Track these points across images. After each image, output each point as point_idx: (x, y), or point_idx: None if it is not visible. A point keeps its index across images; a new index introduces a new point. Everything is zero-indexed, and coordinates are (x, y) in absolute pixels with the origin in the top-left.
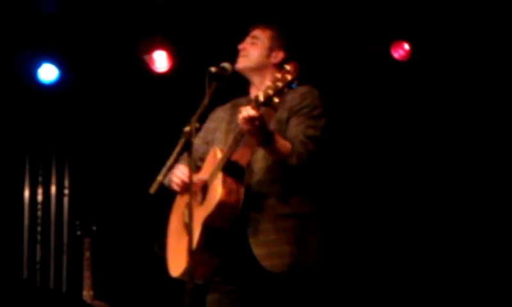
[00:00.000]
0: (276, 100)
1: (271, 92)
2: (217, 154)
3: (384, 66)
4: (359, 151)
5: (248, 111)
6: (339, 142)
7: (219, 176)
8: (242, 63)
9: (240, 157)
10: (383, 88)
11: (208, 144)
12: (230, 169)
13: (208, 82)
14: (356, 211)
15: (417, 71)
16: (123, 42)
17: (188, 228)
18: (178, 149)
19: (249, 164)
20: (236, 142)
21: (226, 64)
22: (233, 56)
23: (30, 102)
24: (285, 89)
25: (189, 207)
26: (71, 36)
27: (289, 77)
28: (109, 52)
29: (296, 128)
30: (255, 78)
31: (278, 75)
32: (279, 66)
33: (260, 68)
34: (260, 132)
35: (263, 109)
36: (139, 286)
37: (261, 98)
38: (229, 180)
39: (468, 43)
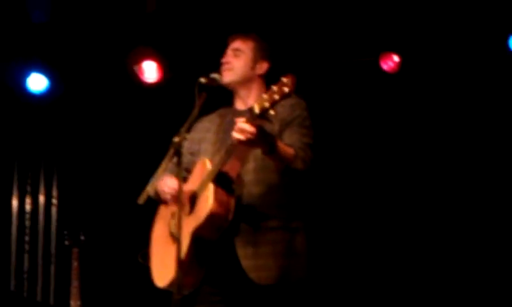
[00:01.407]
0: (272, 112)
1: (267, 104)
2: (206, 165)
3: (374, 78)
4: (349, 162)
5: (243, 125)
6: (327, 154)
7: (210, 187)
8: (228, 77)
9: (230, 168)
10: (373, 100)
11: (194, 154)
12: (221, 180)
13: (197, 92)
14: (343, 224)
15: (406, 83)
16: (112, 52)
17: (176, 238)
18: (167, 159)
19: (239, 176)
20: (228, 154)
21: (215, 75)
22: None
23: (19, 111)
24: (283, 102)
25: (178, 217)
26: (60, 46)
27: (286, 90)
28: (98, 63)
29: (291, 137)
30: (240, 91)
31: (275, 88)
32: (264, 77)
33: (246, 81)
34: (259, 142)
35: (258, 121)
36: (127, 296)
37: (256, 111)
38: (220, 191)
39: (457, 54)
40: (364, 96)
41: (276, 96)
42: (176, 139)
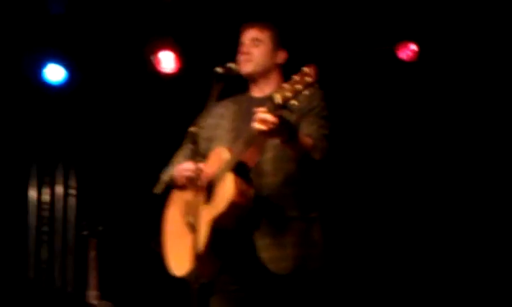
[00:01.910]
0: (295, 102)
1: (289, 95)
2: (223, 153)
3: (391, 67)
4: (365, 152)
5: (264, 115)
6: (345, 144)
7: (230, 176)
8: (249, 68)
9: (249, 158)
10: (390, 89)
11: (209, 140)
12: (239, 170)
13: (214, 82)
14: (360, 213)
15: (425, 72)
16: (130, 43)
17: (194, 226)
18: (184, 150)
19: (258, 166)
20: (248, 144)
21: (232, 65)
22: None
23: (37, 101)
24: (305, 92)
25: (196, 206)
26: (78, 37)
27: (309, 80)
28: (116, 53)
29: (309, 127)
30: (259, 80)
31: (297, 78)
32: (280, 66)
33: (265, 71)
34: (281, 132)
35: (280, 111)
36: (144, 286)
37: (279, 100)
38: (239, 180)
39: (475, 43)
40: (381, 85)
41: (299, 86)
42: (192, 129)
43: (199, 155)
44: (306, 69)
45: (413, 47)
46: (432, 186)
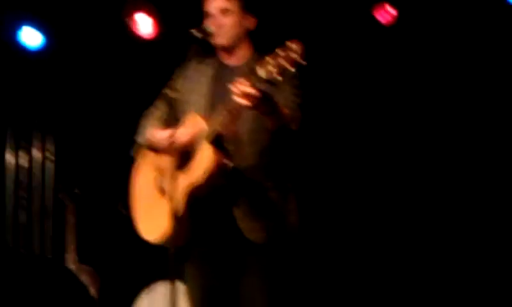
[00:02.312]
0: (279, 78)
1: (273, 69)
2: (198, 121)
3: (369, 31)
4: (344, 123)
5: (247, 89)
6: (323, 114)
7: (209, 147)
8: (223, 40)
9: (226, 129)
10: (368, 54)
11: (183, 103)
12: (217, 140)
13: (190, 45)
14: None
15: (403, 36)
16: (107, 6)
17: (166, 192)
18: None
19: (234, 136)
20: (230, 116)
21: (208, 27)
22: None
23: (13, 65)
24: (291, 69)
25: (169, 171)
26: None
27: (294, 56)
28: (92, 17)
29: (284, 96)
30: (230, 49)
31: (282, 53)
32: (248, 33)
33: (238, 39)
34: (261, 106)
35: (263, 86)
36: (123, 250)
37: (262, 75)
38: (218, 151)
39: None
40: (359, 50)
41: (283, 62)
42: (168, 92)
43: (173, 119)
44: (291, 45)
45: (391, 10)
46: (408, 154)
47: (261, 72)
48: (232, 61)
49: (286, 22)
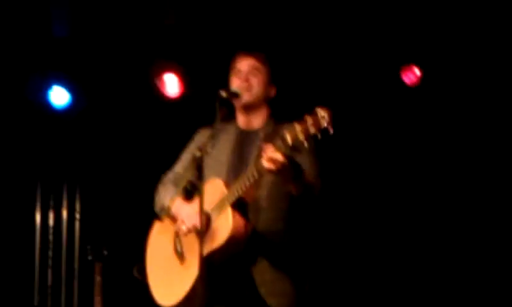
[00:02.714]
0: (306, 145)
1: (301, 136)
2: (219, 186)
3: (395, 91)
4: (369, 176)
5: (274, 155)
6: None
7: (229, 211)
8: (249, 97)
9: (246, 194)
10: (394, 114)
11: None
12: (238, 205)
13: (218, 106)
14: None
15: (428, 97)
16: (134, 66)
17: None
18: (188, 174)
19: (256, 202)
20: (252, 181)
21: (236, 89)
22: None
23: (42, 125)
24: (318, 136)
25: (200, 236)
26: (82, 60)
27: (323, 123)
28: (119, 76)
29: (305, 165)
30: (252, 112)
31: (310, 119)
32: (270, 101)
33: (260, 102)
34: (287, 172)
35: (289, 152)
36: None
37: (289, 141)
38: (238, 216)
39: (479, 67)
40: (385, 109)
41: (312, 129)
42: (197, 154)
43: (197, 179)
44: (321, 111)
45: (417, 70)
46: (436, 212)
47: (289, 138)
48: (250, 125)
49: (314, 85)
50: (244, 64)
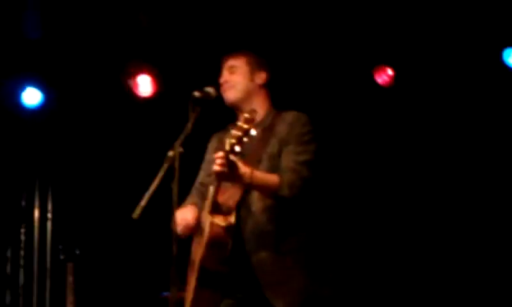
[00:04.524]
0: (238, 149)
1: (233, 141)
2: (210, 191)
3: (368, 92)
4: (341, 176)
5: (218, 159)
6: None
7: (208, 218)
8: (231, 95)
9: (229, 197)
10: (367, 114)
11: (210, 176)
12: (218, 210)
13: (192, 106)
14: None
15: (401, 97)
16: (107, 67)
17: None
18: (161, 174)
19: (247, 205)
20: (216, 185)
21: (210, 89)
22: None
23: (13, 126)
24: (245, 139)
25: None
26: (55, 61)
27: (245, 126)
28: (92, 77)
29: (286, 157)
30: (244, 106)
31: (239, 123)
32: (266, 87)
33: (248, 94)
34: (231, 178)
35: (232, 156)
36: None
37: (227, 147)
38: (215, 222)
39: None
40: (359, 110)
41: (239, 133)
42: (170, 154)
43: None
44: (245, 114)
45: (390, 71)
46: (414, 211)
47: (226, 144)
48: None
49: (293, 81)
50: (224, 68)
